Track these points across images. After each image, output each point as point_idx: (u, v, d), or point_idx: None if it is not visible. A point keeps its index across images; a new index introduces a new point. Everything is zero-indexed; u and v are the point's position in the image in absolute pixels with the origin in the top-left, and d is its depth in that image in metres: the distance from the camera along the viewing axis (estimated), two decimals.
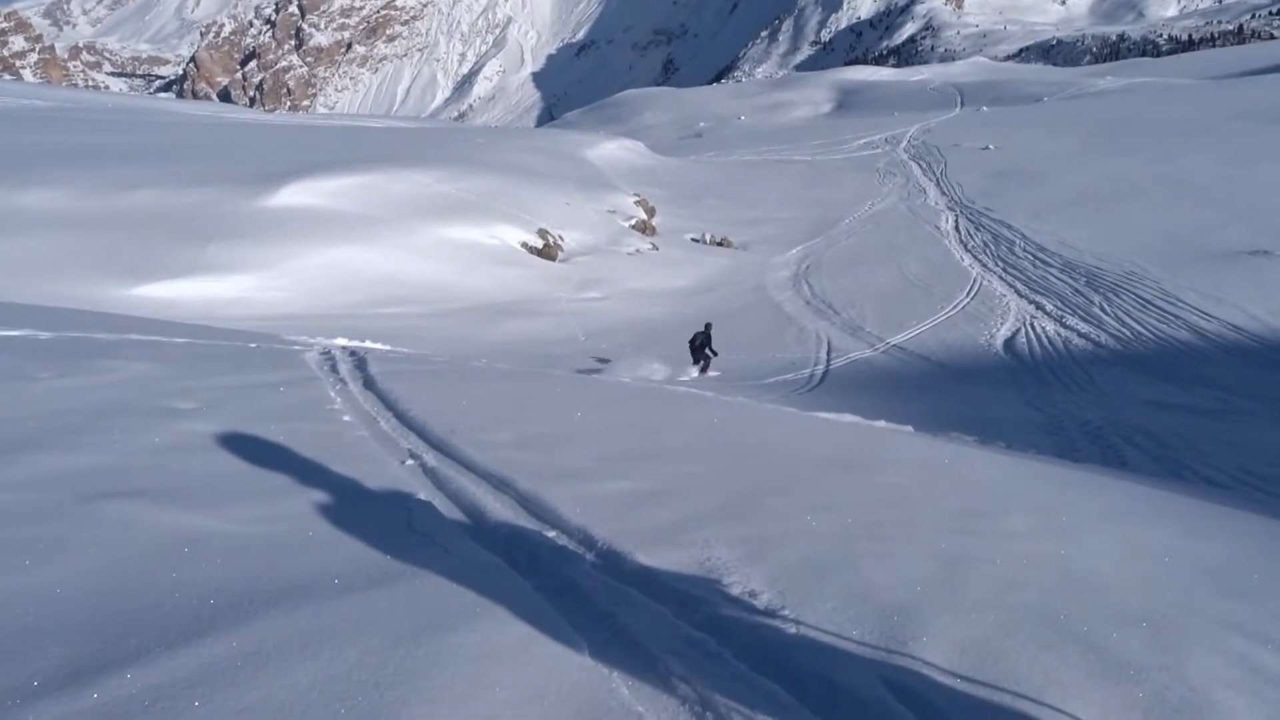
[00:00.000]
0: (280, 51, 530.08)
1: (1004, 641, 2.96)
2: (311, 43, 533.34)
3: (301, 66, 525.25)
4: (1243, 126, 44.05)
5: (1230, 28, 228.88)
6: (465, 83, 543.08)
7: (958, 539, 4.13)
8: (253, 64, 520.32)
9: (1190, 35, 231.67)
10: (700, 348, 17.97)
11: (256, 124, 54.20)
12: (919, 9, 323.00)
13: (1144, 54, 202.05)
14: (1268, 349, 17.01)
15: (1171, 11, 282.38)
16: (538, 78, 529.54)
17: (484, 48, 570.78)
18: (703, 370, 18.07)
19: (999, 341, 18.91)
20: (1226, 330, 18.25)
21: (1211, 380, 15.49)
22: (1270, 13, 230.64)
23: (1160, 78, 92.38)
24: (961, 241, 29.67)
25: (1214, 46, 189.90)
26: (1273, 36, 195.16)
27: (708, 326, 18.25)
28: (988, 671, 2.73)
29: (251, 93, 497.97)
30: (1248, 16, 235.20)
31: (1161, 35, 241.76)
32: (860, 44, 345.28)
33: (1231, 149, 39.31)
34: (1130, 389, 15.11)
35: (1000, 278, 25.13)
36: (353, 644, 2.47)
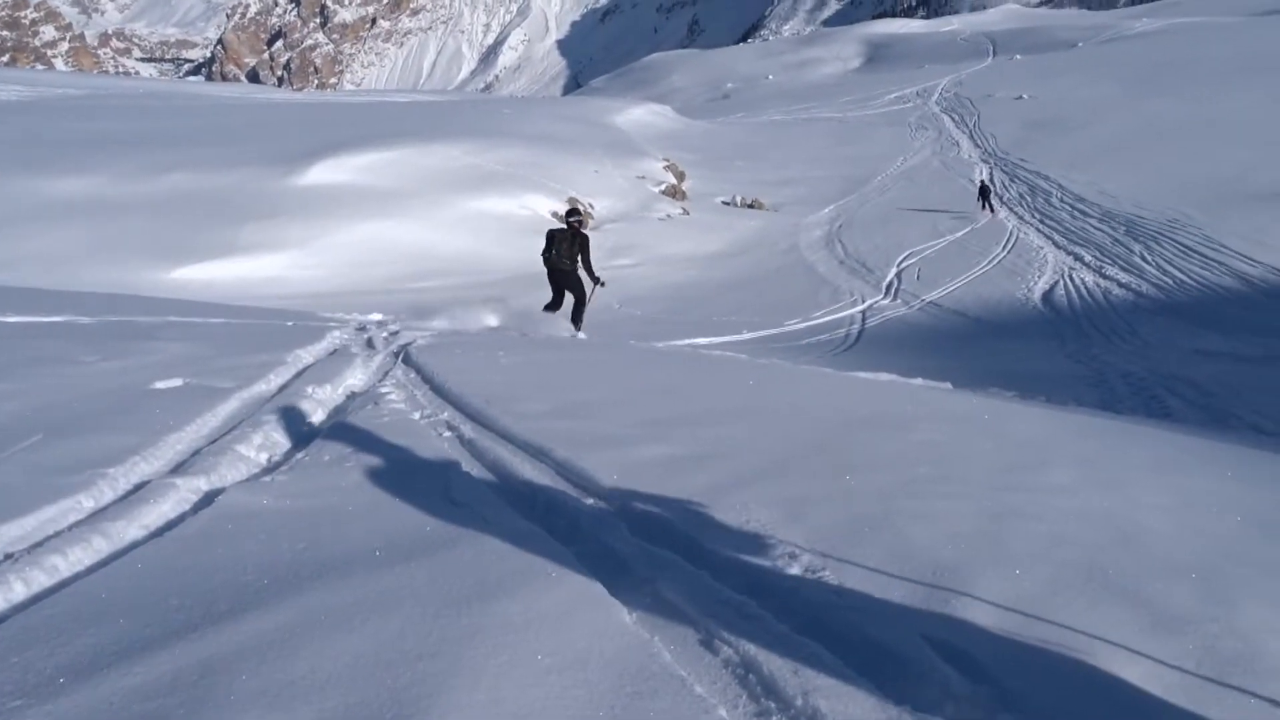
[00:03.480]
0: (306, 30, 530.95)
1: (1050, 598, 2.93)
2: (336, 19, 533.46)
3: (328, 44, 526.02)
4: None
5: None
6: (490, 53, 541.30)
7: (1000, 495, 4.09)
8: (279, 43, 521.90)
9: None
10: (986, 196, 26.56)
11: (285, 103, 54.44)
12: None
13: None
14: None
15: None
16: (563, 45, 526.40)
17: (508, 17, 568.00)
18: (992, 211, 26.57)
19: (1037, 295, 18.65)
20: (1271, 275, 17.87)
21: (1256, 326, 15.17)
22: None
23: (1200, 17, 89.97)
24: (997, 194, 29.21)
25: None
26: None
27: (983, 183, 27.61)
28: (1034, 628, 2.70)
29: (279, 72, 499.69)
30: None
31: None
32: None
33: (1274, 88, 38.30)
34: (1173, 338, 14.85)
35: (1037, 229, 24.75)
36: (396, 615, 2.50)
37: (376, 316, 11.09)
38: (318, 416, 5.07)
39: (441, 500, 3.56)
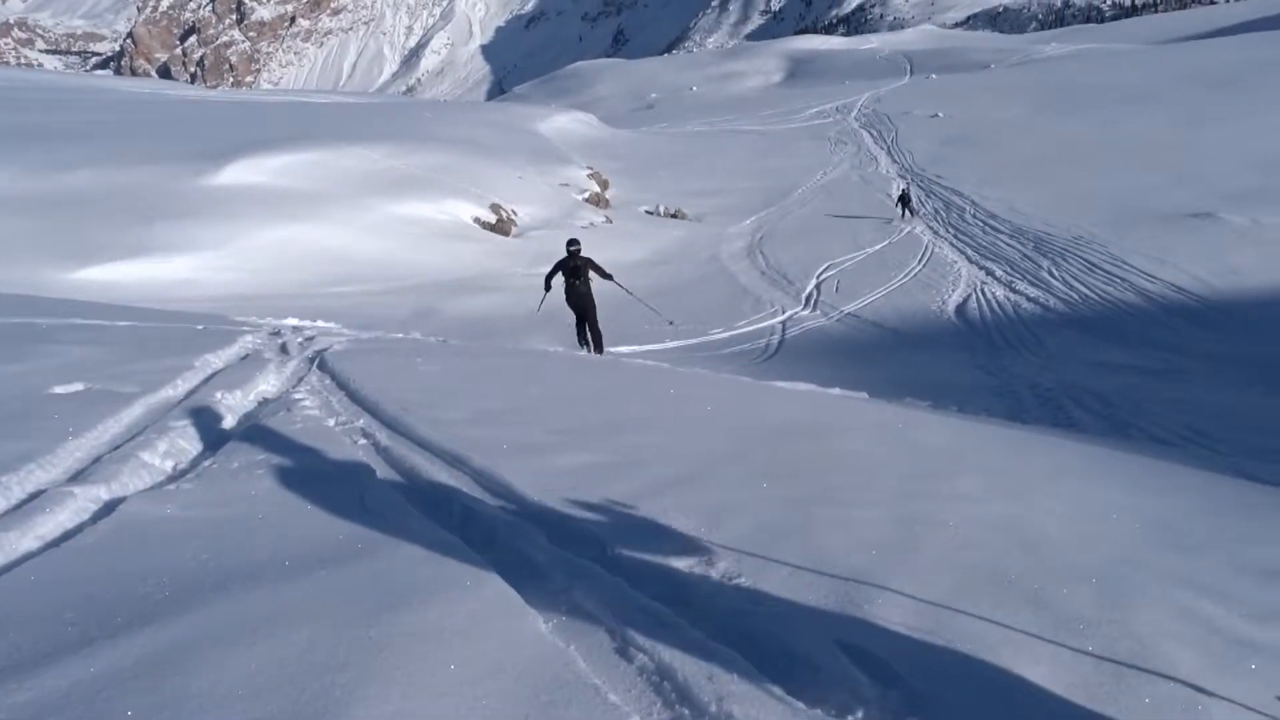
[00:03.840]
0: (221, 26, 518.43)
1: (957, 602, 2.99)
2: (254, 17, 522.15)
3: (244, 41, 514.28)
4: (1185, 91, 44.74)
5: None
6: (412, 56, 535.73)
7: (912, 502, 4.17)
8: (193, 39, 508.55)
9: (1133, 1, 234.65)
10: (906, 202, 28.57)
11: (199, 101, 53.07)
12: None
13: (1088, 20, 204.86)
14: (1210, 309, 17.35)
15: None
16: (487, 50, 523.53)
17: (431, 20, 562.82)
18: (911, 214, 28.59)
19: (951, 307, 19.09)
20: (1171, 292, 18.57)
21: (1157, 341, 15.76)
22: None
23: (1105, 43, 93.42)
24: (911, 209, 29.88)
25: (1156, 12, 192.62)
26: (1213, 1, 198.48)
27: (904, 191, 29.20)
28: (941, 632, 2.76)
29: (192, 69, 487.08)
30: None
31: (1105, 1, 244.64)
32: (810, 12, 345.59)
33: (1175, 113, 39.91)
34: (1078, 351, 15.34)
35: (951, 244, 25.35)
36: (304, 626, 2.44)
37: (292, 321, 10.86)
38: (227, 423, 4.94)
39: (355, 509, 3.49)
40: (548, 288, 12.94)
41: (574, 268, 12.51)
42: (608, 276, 12.93)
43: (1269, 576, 3.73)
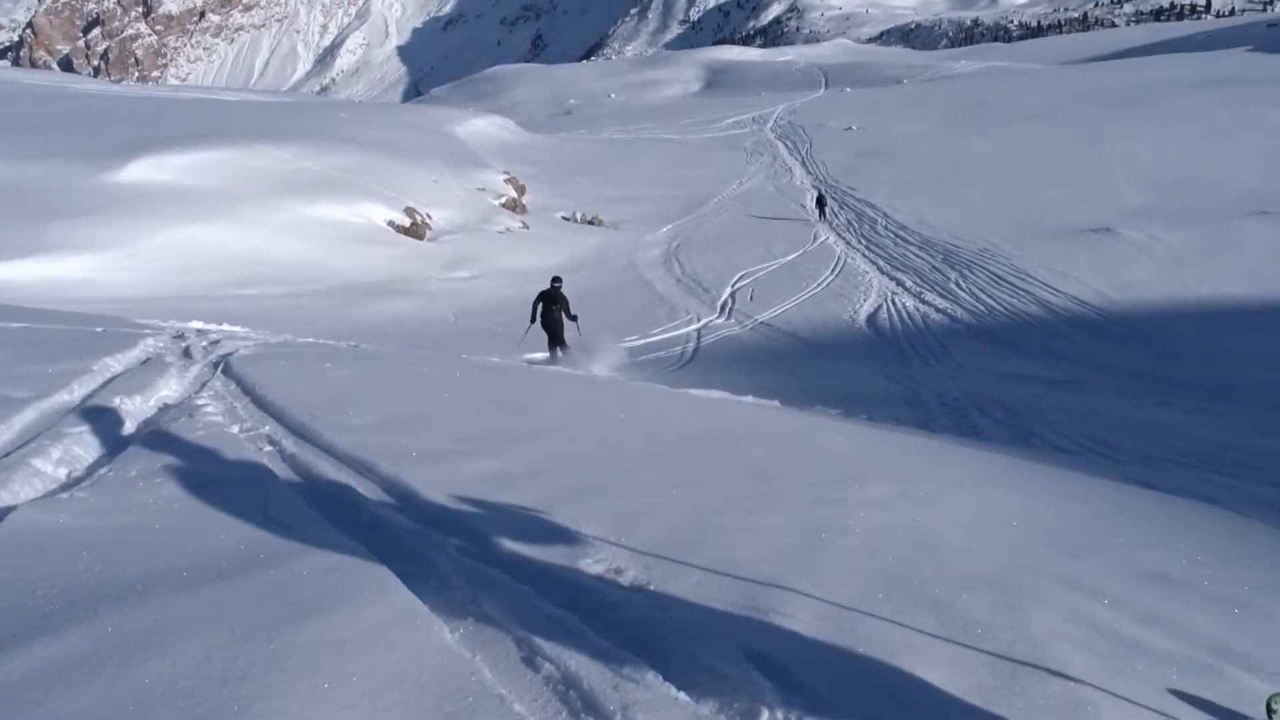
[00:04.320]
0: (127, 18, 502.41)
1: (861, 607, 3.06)
2: (161, 10, 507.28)
3: (150, 35, 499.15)
4: (1088, 110, 46.33)
5: (1075, 15, 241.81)
6: (327, 56, 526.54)
7: (820, 509, 4.24)
8: (96, 31, 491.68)
9: (1039, 22, 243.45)
10: (822, 206, 30.81)
11: (102, 95, 51.30)
12: None
13: (996, 39, 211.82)
14: (1109, 322, 18.02)
15: None
16: (403, 52, 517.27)
17: (346, 19, 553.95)
18: (824, 218, 30.23)
19: (862, 317, 19.46)
20: (1072, 304, 19.23)
21: (1059, 352, 16.30)
22: (1112, 1, 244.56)
23: (1011, 62, 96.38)
24: (826, 219, 30.41)
25: (1060, 33, 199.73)
26: (1114, 24, 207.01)
27: (820, 193, 31.95)
28: (845, 637, 2.81)
29: (96, 62, 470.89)
30: (1091, 5, 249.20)
31: (1012, 21, 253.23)
32: (728, 24, 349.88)
33: (1078, 131, 41.33)
34: (984, 361, 15.77)
35: (864, 255, 25.84)
36: (201, 638, 2.37)
37: (196, 324, 10.57)
38: (126, 429, 4.78)
39: (258, 517, 3.41)
40: (534, 318, 14.99)
41: (553, 296, 15.03)
42: (573, 318, 15.10)
43: (1157, 580, 3.89)
